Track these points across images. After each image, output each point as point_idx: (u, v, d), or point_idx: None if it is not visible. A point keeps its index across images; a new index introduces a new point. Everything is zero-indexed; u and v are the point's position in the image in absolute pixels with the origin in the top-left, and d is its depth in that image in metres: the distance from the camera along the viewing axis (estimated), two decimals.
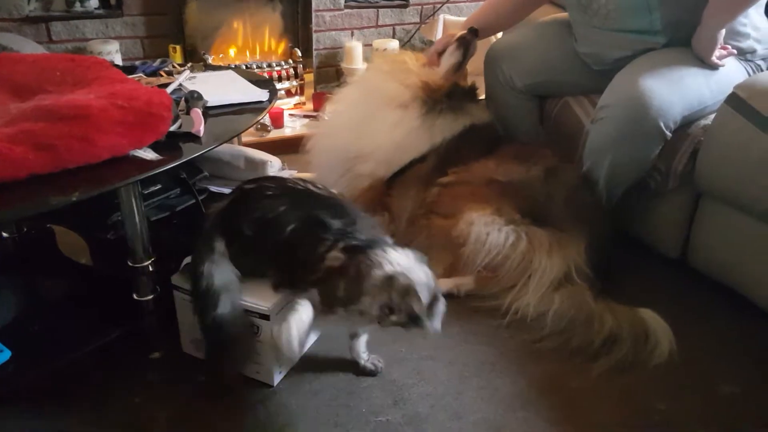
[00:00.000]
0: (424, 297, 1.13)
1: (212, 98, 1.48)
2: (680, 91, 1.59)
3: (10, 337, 1.30)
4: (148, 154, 1.20)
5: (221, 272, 1.26)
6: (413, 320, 1.14)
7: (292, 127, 2.59)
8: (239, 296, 1.26)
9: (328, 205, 1.30)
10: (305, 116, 2.68)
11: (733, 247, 1.57)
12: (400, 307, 1.13)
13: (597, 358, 1.42)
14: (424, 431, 1.24)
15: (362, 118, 1.91)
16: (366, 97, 1.95)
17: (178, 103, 1.41)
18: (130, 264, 1.33)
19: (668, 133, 1.59)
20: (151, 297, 1.35)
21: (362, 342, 1.38)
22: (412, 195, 1.85)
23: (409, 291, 1.13)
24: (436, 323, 1.16)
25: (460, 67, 1.89)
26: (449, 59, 1.88)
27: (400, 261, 1.16)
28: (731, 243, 1.57)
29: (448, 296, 1.62)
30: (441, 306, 1.18)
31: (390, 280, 1.13)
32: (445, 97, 1.85)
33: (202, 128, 1.32)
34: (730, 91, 1.51)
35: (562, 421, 1.28)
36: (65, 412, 1.26)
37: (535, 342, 1.49)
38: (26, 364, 1.26)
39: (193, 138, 1.30)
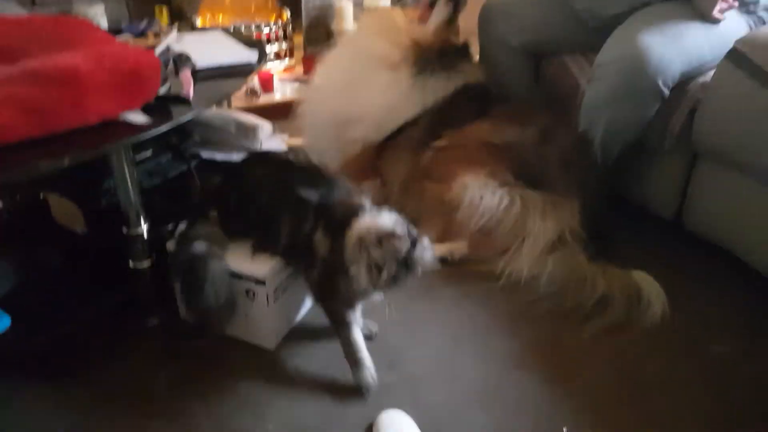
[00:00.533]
0: (403, 234, 1.13)
1: (200, 60, 1.44)
2: (679, 47, 1.56)
3: (8, 306, 1.29)
4: (139, 118, 1.18)
5: (209, 238, 1.29)
6: (404, 263, 1.14)
7: (282, 91, 2.56)
8: (225, 262, 1.29)
9: (307, 177, 1.31)
10: (295, 80, 2.64)
11: (729, 208, 1.57)
12: (384, 258, 1.13)
13: (590, 320, 1.44)
14: (419, 392, 1.26)
15: (351, 80, 1.88)
16: (355, 59, 1.92)
17: (166, 65, 1.37)
18: (124, 231, 1.32)
19: (666, 91, 1.57)
20: (146, 264, 1.35)
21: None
22: (404, 159, 1.83)
23: (385, 237, 1.12)
24: (428, 257, 1.17)
25: (451, 22, 1.84)
26: (438, 14, 1.82)
27: (370, 219, 1.16)
28: (727, 204, 1.57)
29: (442, 261, 1.64)
30: (424, 244, 1.17)
31: (363, 240, 1.13)
32: (436, 56, 1.81)
33: (191, 90, 1.29)
34: (730, 46, 1.48)
35: (555, 380, 1.30)
36: (65, 378, 1.27)
37: (529, 304, 1.50)
38: (25, 331, 1.26)
39: (182, 101, 1.27)
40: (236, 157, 1.59)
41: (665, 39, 1.55)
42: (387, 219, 1.16)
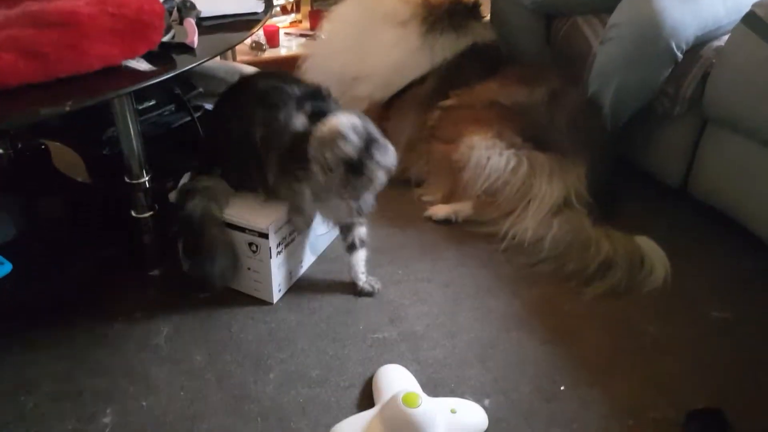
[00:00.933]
0: (353, 138, 1.13)
1: (205, 8, 1.42)
2: (694, 10, 1.52)
3: (9, 254, 1.30)
4: (142, 65, 1.16)
5: (210, 192, 1.29)
6: (353, 167, 1.14)
7: (287, 46, 2.52)
8: (222, 221, 1.29)
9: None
10: (301, 35, 2.59)
11: (736, 176, 1.55)
12: (333, 159, 1.13)
13: (591, 283, 1.44)
14: (419, 348, 1.27)
15: (359, 37, 1.85)
16: (362, 15, 1.88)
17: (170, 12, 1.35)
18: (127, 180, 1.31)
19: (679, 55, 1.54)
20: (149, 214, 1.34)
21: (361, 262, 1.39)
22: (410, 118, 1.81)
23: (331, 138, 1.12)
24: (381, 160, 1.17)
25: None
26: None
27: (334, 119, 1.16)
28: (734, 172, 1.55)
29: (446, 222, 1.63)
30: (382, 146, 1.17)
31: (313, 137, 1.13)
32: (446, 14, 1.78)
33: (195, 39, 1.27)
34: (747, 9, 1.44)
35: (554, 341, 1.30)
36: (66, 325, 1.28)
37: (531, 266, 1.50)
38: (27, 277, 1.27)
39: (186, 49, 1.25)
40: None
41: (680, 1, 1.51)
42: (344, 120, 1.15)
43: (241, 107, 1.30)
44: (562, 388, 1.19)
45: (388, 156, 1.18)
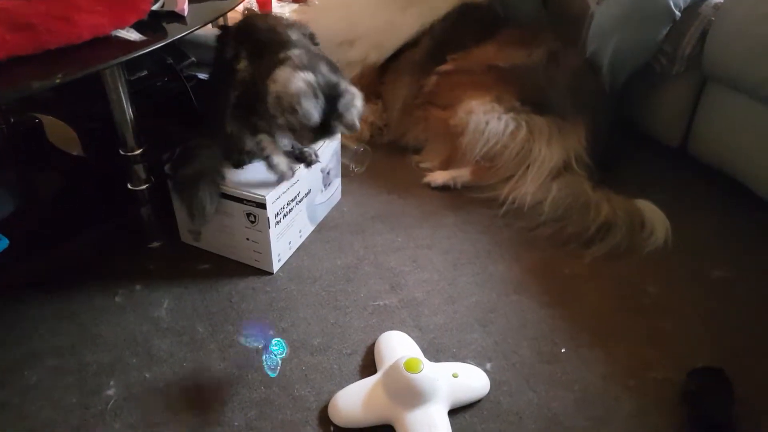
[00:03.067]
0: (308, 103, 1.09)
1: None
2: None
3: (6, 229, 1.29)
4: (132, 35, 1.14)
5: (206, 160, 1.29)
6: (319, 127, 1.12)
7: (281, 13, 2.47)
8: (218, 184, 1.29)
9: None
10: (294, 1, 2.54)
11: (736, 134, 1.54)
12: (296, 122, 1.10)
13: (591, 245, 1.44)
14: (420, 314, 1.28)
15: (345, 4, 1.82)
16: None
17: None
18: (121, 153, 1.30)
19: (677, 13, 1.52)
20: (145, 187, 1.34)
21: None
22: (406, 82, 1.79)
23: (288, 102, 1.09)
24: (347, 114, 1.14)
25: None
26: None
27: (289, 74, 1.11)
28: (734, 130, 1.54)
29: (444, 189, 1.63)
30: (351, 101, 1.14)
31: (280, 99, 1.10)
32: None
33: (186, 7, 1.24)
34: None
35: (554, 303, 1.31)
36: (67, 299, 1.28)
37: (531, 230, 1.50)
38: (25, 253, 1.26)
39: (177, 17, 1.23)
40: None
41: None
42: (298, 82, 1.09)
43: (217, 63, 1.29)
44: (563, 350, 1.20)
45: (354, 106, 1.14)
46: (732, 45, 1.46)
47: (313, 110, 1.09)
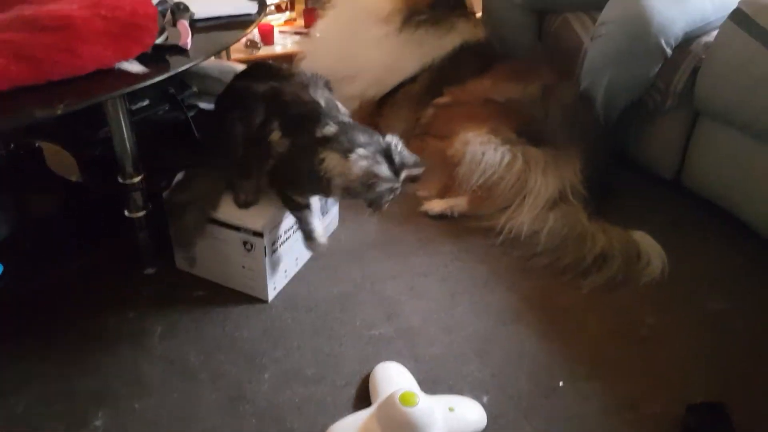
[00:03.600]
0: (380, 169, 1.13)
1: (199, 10, 1.42)
2: (682, 6, 1.54)
3: (1, 253, 1.29)
4: (135, 67, 1.15)
5: (202, 189, 1.30)
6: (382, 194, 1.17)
7: (282, 44, 2.51)
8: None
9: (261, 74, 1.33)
10: (296, 33, 2.59)
11: (728, 167, 1.56)
12: (364, 192, 1.16)
13: (588, 275, 1.44)
14: (416, 344, 1.27)
15: (348, 36, 1.86)
16: (350, 13, 1.89)
17: (164, 14, 1.35)
18: (120, 180, 1.31)
19: (669, 51, 1.55)
20: (142, 214, 1.34)
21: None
22: (403, 115, 1.82)
23: (366, 180, 1.14)
24: (409, 160, 1.18)
25: None
26: None
27: (361, 161, 1.15)
28: (726, 164, 1.56)
29: (441, 217, 1.63)
30: (397, 145, 1.18)
31: (339, 173, 1.16)
32: (427, 8, 1.77)
33: (189, 41, 1.26)
34: (734, 5, 1.45)
35: (551, 334, 1.31)
36: (59, 325, 1.28)
37: (528, 259, 1.51)
38: (20, 278, 1.26)
39: (180, 51, 1.25)
40: None
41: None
42: (356, 160, 1.13)
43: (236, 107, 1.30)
44: (560, 383, 1.20)
45: (403, 147, 1.18)
46: (722, 82, 1.49)
47: (387, 172, 1.13)
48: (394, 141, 1.18)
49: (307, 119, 1.18)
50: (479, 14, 2.01)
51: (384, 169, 1.12)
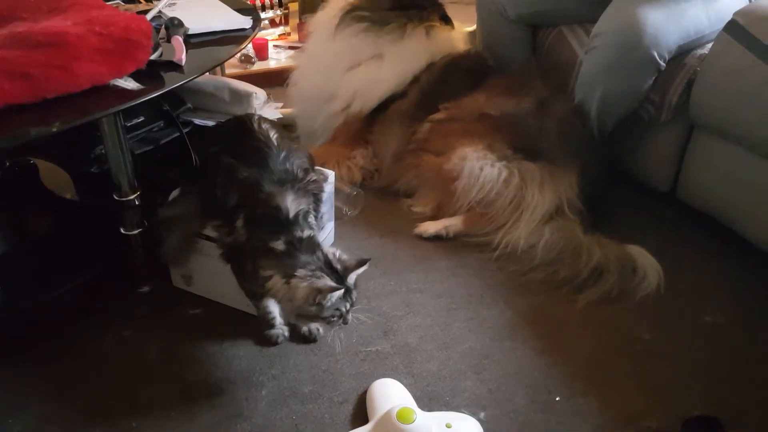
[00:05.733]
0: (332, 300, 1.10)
1: (193, 26, 1.42)
2: (676, 19, 1.54)
3: None
4: (129, 84, 1.15)
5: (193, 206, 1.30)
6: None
7: (276, 59, 2.52)
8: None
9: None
10: (290, 47, 2.60)
11: (724, 180, 1.56)
12: (312, 311, 1.11)
13: (583, 290, 1.44)
14: (413, 360, 1.27)
15: (324, 52, 1.87)
16: (323, 29, 1.89)
17: (158, 30, 1.35)
18: (115, 198, 1.30)
19: (662, 63, 1.56)
20: (138, 231, 1.34)
21: None
22: (395, 131, 1.82)
23: (312, 298, 1.09)
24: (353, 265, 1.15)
25: None
26: None
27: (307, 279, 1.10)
28: (722, 177, 1.56)
29: (437, 238, 1.63)
30: (355, 288, 1.15)
31: (295, 299, 1.11)
32: (388, 10, 1.78)
33: (183, 57, 1.27)
34: (728, 16, 1.45)
35: (547, 349, 1.30)
36: (55, 344, 1.27)
37: (523, 274, 1.50)
38: (15, 296, 1.26)
39: (174, 67, 1.25)
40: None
41: (663, 10, 1.53)
42: (300, 285, 1.08)
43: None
44: (557, 398, 1.19)
45: (360, 267, 1.14)
46: (717, 95, 1.50)
47: (330, 282, 1.08)
48: (331, 252, 1.15)
49: (267, 224, 1.14)
50: (473, 26, 2.03)
51: (326, 282, 1.08)
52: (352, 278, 1.13)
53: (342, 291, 1.09)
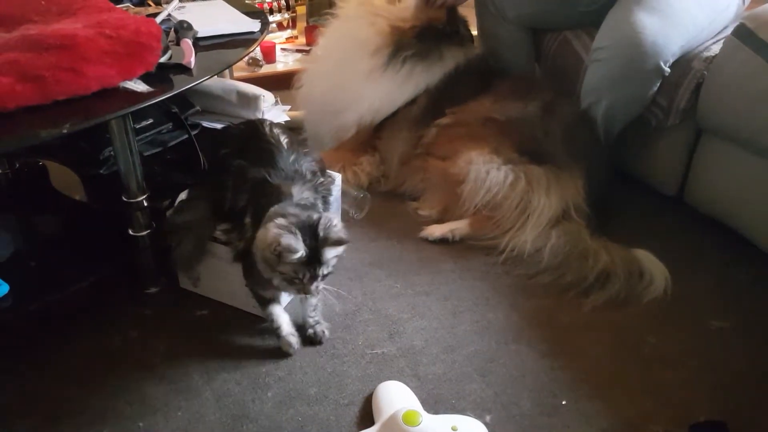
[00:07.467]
0: (287, 239, 1.09)
1: (202, 29, 1.43)
2: (674, 23, 1.54)
3: (6, 272, 1.30)
4: (139, 86, 1.16)
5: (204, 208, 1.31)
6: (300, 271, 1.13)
7: (284, 62, 2.53)
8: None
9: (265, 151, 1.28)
10: (298, 51, 2.61)
11: (731, 184, 1.56)
12: (289, 276, 1.13)
13: (590, 293, 1.44)
14: (419, 363, 1.27)
15: (338, 65, 1.86)
16: (340, 42, 1.89)
17: (167, 33, 1.36)
18: (124, 199, 1.31)
19: (666, 69, 1.55)
20: (146, 232, 1.35)
21: (310, 306, 1.32)
22: (403, 136, 1.82)
23: (275, 249, 1.09)
24: (332, 259, 1.15)
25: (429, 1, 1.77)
26: None
27: (274, 228, 1.11)
28: (729, 180, 1.56)
29: (443, 241, 1.63)
30: (332, 237, 1.13)
31: (263, 251, 1.11)
32: (415, 41, 1.77)
33: (192, 59, 1.28)
34: (726, 13, 1.45)
35: (553, 353, 1.30)
36: (63, 344, 1.28)
37: (530, 278, 1.50)
38: (24, 297, 1.26)
39: (183, 69, 1.26)
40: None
41: (659, 16, 1.53)
42: (272, 228, 1.09)
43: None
44: (563, 402, 1.19)
45: (338, 245, 1.13)
46: (725, 99, 1.50)
47: (295, 243, 1.07)
48: (326, 218, 1.13)
49: (270, 204, 1.16)
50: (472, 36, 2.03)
51: (291, 239, 1.06)
52: (329, 253, 1.12)
53: (300, 255, 1.07)
